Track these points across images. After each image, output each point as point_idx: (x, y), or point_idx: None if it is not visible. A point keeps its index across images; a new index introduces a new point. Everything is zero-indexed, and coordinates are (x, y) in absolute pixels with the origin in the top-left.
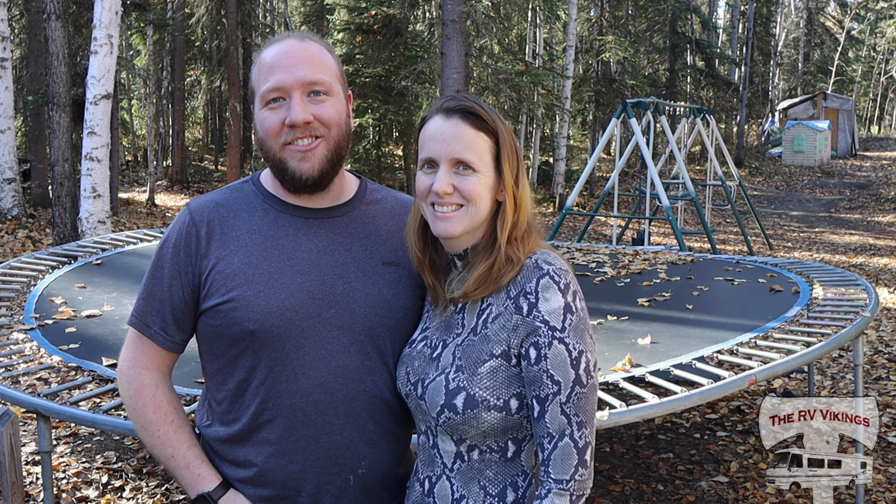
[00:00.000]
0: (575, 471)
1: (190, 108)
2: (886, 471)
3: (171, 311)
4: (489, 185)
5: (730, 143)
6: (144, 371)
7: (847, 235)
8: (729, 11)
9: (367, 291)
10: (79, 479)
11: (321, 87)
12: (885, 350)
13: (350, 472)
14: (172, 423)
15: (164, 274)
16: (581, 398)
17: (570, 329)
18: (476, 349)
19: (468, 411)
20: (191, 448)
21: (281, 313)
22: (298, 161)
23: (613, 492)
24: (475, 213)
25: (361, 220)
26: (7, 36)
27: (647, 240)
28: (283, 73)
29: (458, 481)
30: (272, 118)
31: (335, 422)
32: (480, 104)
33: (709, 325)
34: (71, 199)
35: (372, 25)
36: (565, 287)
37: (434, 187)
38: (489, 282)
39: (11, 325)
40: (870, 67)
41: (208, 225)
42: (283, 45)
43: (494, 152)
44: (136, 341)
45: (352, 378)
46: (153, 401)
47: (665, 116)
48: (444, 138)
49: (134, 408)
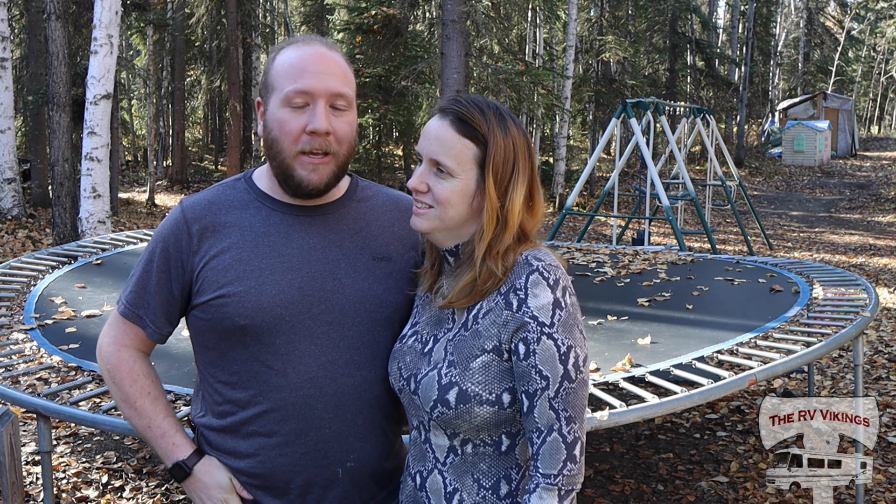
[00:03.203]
0: (563, 465)
1: (190, 108)
2: (886, 471)
3: (161, 305)
4: (466, 192)
5: (730, 143)
6: (123, 348)
7: (847, 235)
8: (729, 11)
9: (357, 287)
10: (79, 479)
11: (344, 103)
12: (885, 350)
13: (339, 465)
14: (149, 396)
15: (155, 269)
16: (570, 393)
17: (559, 324)
18: (468, 344)
19: (461, 406)
20: (166, 418)
21: (271, 309)
22: (309, 172)
23: (613, 492)
24: (444, 216)
25: (352, 216)
26: (7, 36)
27: (647, 240)
28: (313, 78)
29: (451, 475)
30: (293, 122)
31: (325, 416)
32: (481, 108)
33: (709, 325)
34: (71, 199)
35: (372, 25)
36: (554, 283)
37: (409, 182)
38: (473, 294)
39: (11, 325)
40: (870, 67)
41: (200, 222)
42: (313, 49)
43: (480, 160)
44: (121, 324)
45: (341, 373)
46: (129, 375)
47: (665, 116)
48: (429, 138)
49: (112, 382)
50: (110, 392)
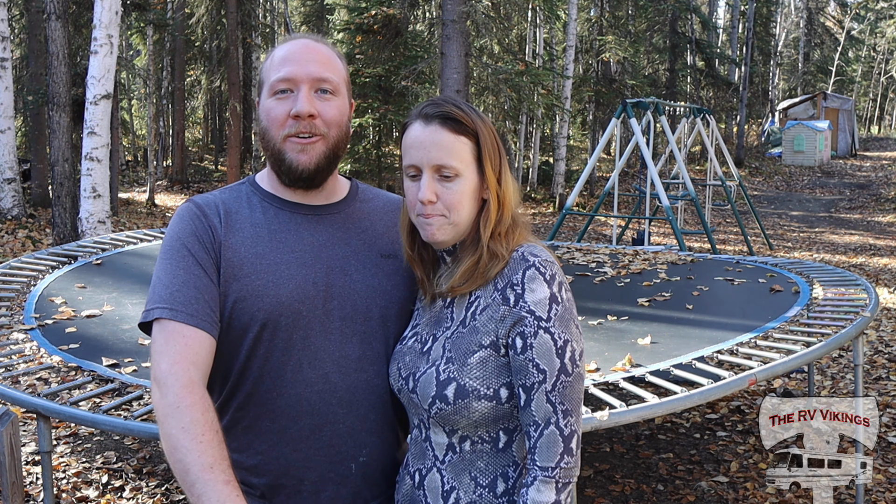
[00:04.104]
0: (560, 458)
1: (190, 108)
2: (886, 471)
3: (210, 297)
4: (472, 188)
5: (730, 143)
6: (192, 367)
7: (847, 235)
8: (729, 11)
9: (367, 283)
10: (79, 479)
11: (329, 86)
12: (885, 350)
13: (352, 460)
14: (217, 433)
15: (195, 262)
16: (566, 387)
17: (556, 319)
18: (465, 340)
19: (459, 401)
20: (230, 467)
21: (290, 304)
22: (297, 153)
23: (613, 492)
24: (458, 220)
25: (357, 216)
26: (7, 36)
27: (647, 240)
28: (294, 66)
29: (449, 473)
30: (278, 108)
31: (339, 411)
32: (459, 105)
33: (709, 325)
34: (71, 199)
35: (372, 25)
36: (551, 278)
37: (419, 196)
38: (475, 276)
39: (11, 325)
40: (870, 67)
41: (216, 215)
42: (298, 42)
43: (476, 153)
44: (176, 336)
45: (354, 368)
46: (203, 401)
47: (665, 116)
48: (425, 145)
49: (178, 406)
50: (168, 416)
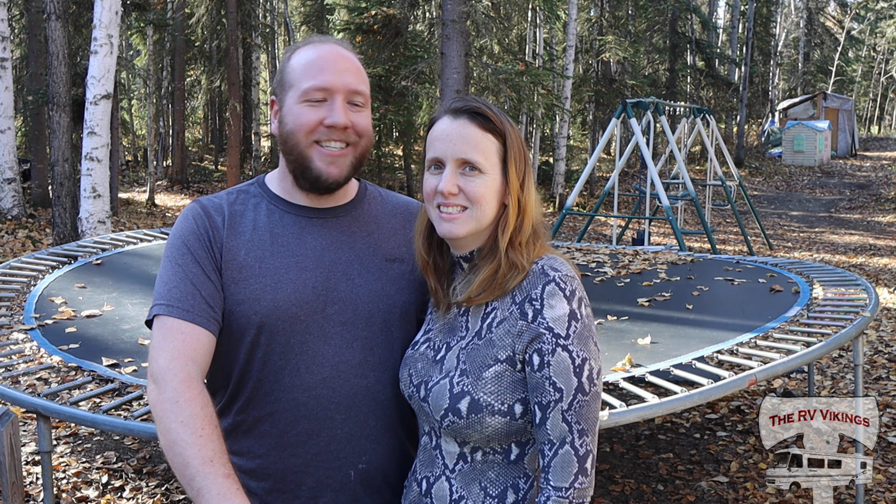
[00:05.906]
0: (574, 479)
1: (190, 108)
2: (886, 471)
3: (209, 294)
4: (495, 187)
5: (730, 143)
6: (190, 363)
7: (847, 235)
8: (729, 11)
9: (370, 287)
10: (79, 479)
11: (361, 99)
12: (885, 350)
13: (351, 466)
14: (216, 428)
15: (194, 260)
16: (583, 406)
17: (575, 336)
18: (481, 353)
19: (472, 416)
20: (230, 461)
21: (287, 308)
22: (327, 164)
23: (613, 492)
24: (480, 215)
25: (364, 218)
26: (7, 36)
27: (647, 240)
28: (332, 75)
29: (458, 482)
30: (310, 115)
31: (337, 416)
32: (489, 106)
33: (709, 325)
34: (71, 199)
35: (372, 25)
36: (571, 294)
37: (440, 187)
38: (493, 287)
39: (11, 325)
40: (870, 67)
41: (220, 217)
42: (328, 48)
43: (502, 154)
44: (174, 332)
45: (354, 373)
46: (202, 396)
47: (665, 116)
48: (451, 138)
49: (177, 401)
50: (166, 412)
